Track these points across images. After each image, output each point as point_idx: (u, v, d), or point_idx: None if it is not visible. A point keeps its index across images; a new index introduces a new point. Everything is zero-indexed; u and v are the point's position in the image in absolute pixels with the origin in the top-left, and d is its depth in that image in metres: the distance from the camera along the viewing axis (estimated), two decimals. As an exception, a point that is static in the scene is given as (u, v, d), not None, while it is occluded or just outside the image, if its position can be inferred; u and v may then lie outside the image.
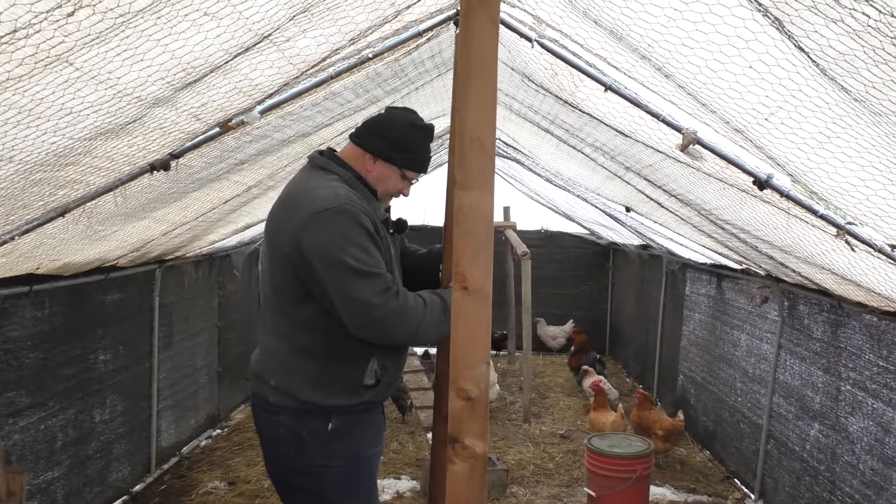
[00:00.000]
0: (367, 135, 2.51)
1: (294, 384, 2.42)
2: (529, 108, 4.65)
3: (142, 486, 4.97)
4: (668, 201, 4.38)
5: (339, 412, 2.43)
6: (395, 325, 2.30)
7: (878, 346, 3.65)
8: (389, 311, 2.28)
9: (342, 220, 2.29)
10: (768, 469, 4.89)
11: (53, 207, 2.81)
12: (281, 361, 2.46)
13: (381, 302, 2.26)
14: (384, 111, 2.59)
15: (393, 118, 2.52)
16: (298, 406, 2.42)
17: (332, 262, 2.27)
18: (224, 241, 5.74)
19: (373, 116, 2.57)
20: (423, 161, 2.57)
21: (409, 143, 2.50)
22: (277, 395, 2.44)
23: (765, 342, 5.03)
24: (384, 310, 2.27)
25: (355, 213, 2.31)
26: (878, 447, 3.62)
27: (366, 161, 2.49)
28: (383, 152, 2.48)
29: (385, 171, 2.51)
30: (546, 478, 5.44)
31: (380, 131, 2.49)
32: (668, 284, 7.43)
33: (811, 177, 2.31)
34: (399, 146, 2.48)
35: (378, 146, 2.48)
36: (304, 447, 2.44)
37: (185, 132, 2.67)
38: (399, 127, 2.49)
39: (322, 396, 2.41)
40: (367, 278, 2.27)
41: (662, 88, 2.52)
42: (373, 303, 2.26)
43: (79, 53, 1.62)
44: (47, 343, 3.89)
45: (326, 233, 2.28)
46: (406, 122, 2.51)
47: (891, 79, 1.49)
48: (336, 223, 2.29)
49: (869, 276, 2.93)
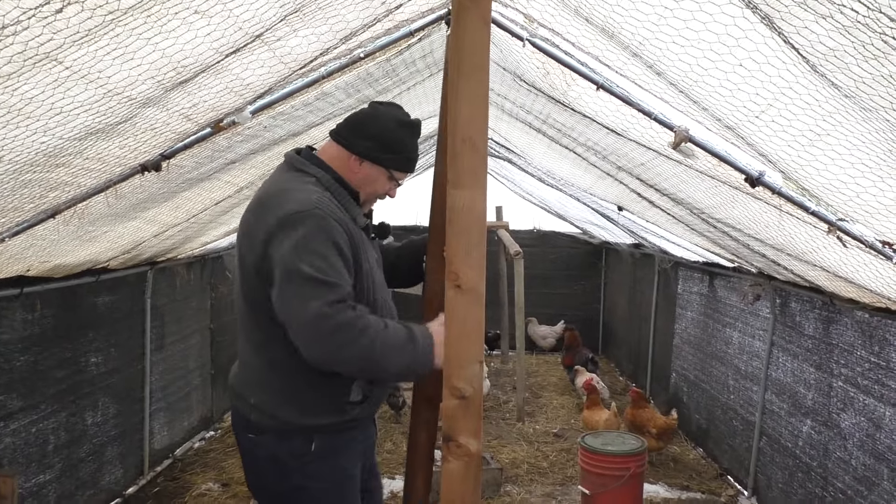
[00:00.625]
0: (351, 135, 2.34)
1: (274, 403, 2.26)
2: (521, 107, 4.66)
3: (135, 488, 4.94)
4: (660, 200, 4.39)
5: (323, 431, 2.29)
6: (346, 340, 2.07)
7: (870, 342, 3.66)
8: (341, 322, 2.06)
9: (308, 225, 2.13)
10: (761, 466, 4.91)
11: (44, 209, 2.80)
12: (258, 377, 2.30)
13: (332, 312, 2.05)
14: (368, 107, 2.41)
15: (379, 116, 2.35)
16: (279, 426, 2.27)
17: (287, 268, 2.10)
18: (216, 242, 5.73)
19: (356, 113, 2.39)
20: (412, 161, 2.42)
21: (398, 142, 2.34)
22: (257, 414, 2.29)
23: (757, 339, 5.05)
24: (333, 321, 2.05)
25: (323, 219, 2.15)
26: (869, 443, 3.63)
27: (351, 163, 2.33)
28: (371, 153, 2.32)
29: (373, 173, 2.35)
30: (540, 476, 5.44)
31: (366, 131, 2.32)
32: (661, 283, 7.45)
33: (802, 174, 2.32)
34: (387, 146, 2.32)
35: (365, 147, 2.31)
36: (284, 470, 2.29)
37: (177, 132, 2.66)
38: (386, 125, 2.33)
39: (304, 416, 2.26)
40: (319, 286, 2.07)
41: (654, 86, 2.53)
42: (323, 312, 2.04)
43: (68, 51, 1.61)
44: (38, 346, 3.87)
45: (289, 239, 2.12)
46: (394, 119, 2.35)
47: (881, 74, 1.50)
48: (300, 229, 2.12)
49: (860, 272, 2.94)
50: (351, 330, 2.07)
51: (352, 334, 2.07)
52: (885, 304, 3.29)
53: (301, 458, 2.28)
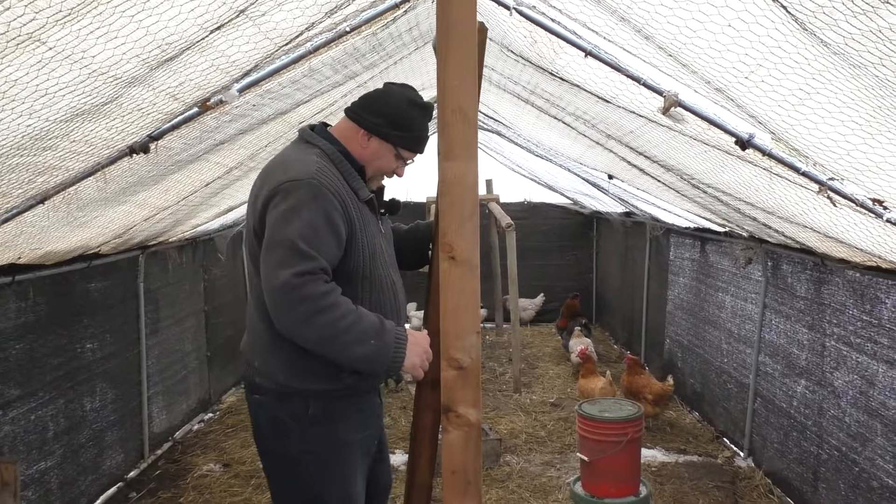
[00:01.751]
0: (363, 110, 2.39)
1: (274, 366, 2.34)
2: (509, 78, 4.63)
3: (136, 472, 4.97)
4: (650, 167, 4.39)
5: (319, 396, 2.34)
6: (307, 313, 2.11)
7: (862, 300, 3.70)
8: (306, 295, 2.10)
9: (301, 193, 2.18)
10: (756, 427, 4.97)
11: (33, 195, 2.77)
12: (262, 342, 2.37)
13: (299, 283, 2.09)
14: (382, 86, 2.47)
15: (392, 94, 2.41)
16: (278, 389, 2.34)
17: (272, 233, 2.17)
18: (207, 224, 5.70)
19: (370, 91, 2.46)
20: (421, 140, 2.46)
21: (408, 121, 2.39)
22: (260, 377, 2.38)
23: (749, 303, 5.09)
24: (298, 293, 2.09)
25: (317, 189, 2.20)
26: (862, 400, 3.68)
27: (360, 137, 2.39)
28: (380, 129, 2.37)
29: (380, 149, 2.40)
30: (539, 445, 5.50)
31: (377, 107, 2.38)
32: (653, 250, 7.48)
33: (792, 133, 2.32)
34: (396, 124, 2.37)
35: (374, 123, 2.37)
36: (285, 432, 2.35)
37: (164, 113, 2.63)
38: (398, 104, 2.38)
39: (300, 381, 2.32)
40: (294, 255, 2.12)
41: (643, 51, 2.51)
42: (290, 281, 2.09)
43: (51, 31, 1.58)
44: (33, 333, 3.86)
45: (282, 205, 2.18)
46: (405, 98, 2.39)
47: (869, 29, 1.50)
48: (293, 196, 2.18)
49: (851, 232, 2.96)
50: (314, 304, 2.11)
51: (314, 309, 2.11)
52: (876, 262, 3.31)
53: (299, 420, 2.34)
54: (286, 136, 4.29)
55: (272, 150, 4.37)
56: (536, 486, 4.76)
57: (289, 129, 4.21)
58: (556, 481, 4.84)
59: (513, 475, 4.93)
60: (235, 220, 6.39)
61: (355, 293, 2.29)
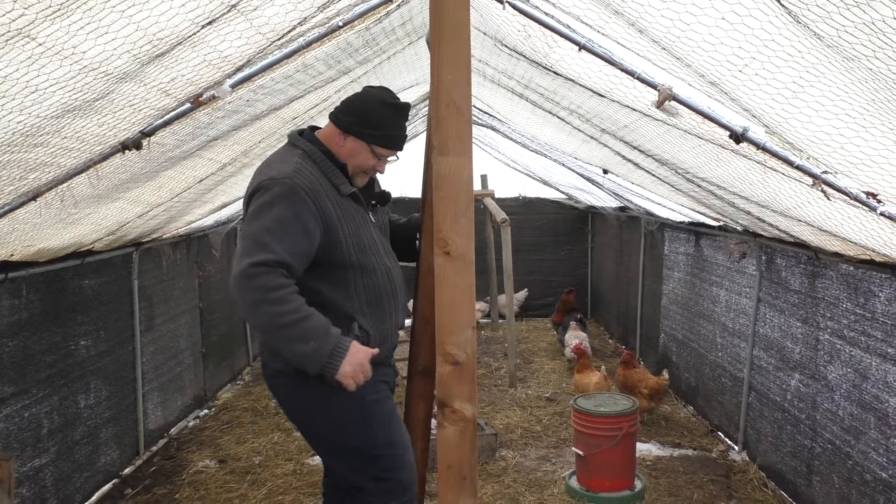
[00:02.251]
0: (340, 112, 2.61)
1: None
2: (503, 73, 4.62)
3: (131, 468, 4.96)
4: (644, 161, 4.39)
5: None
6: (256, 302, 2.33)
7: (855, 294, 3.71)
8: (258, 285, 2.31)
9: (275, 191, 2.39)
10: (751, 420, 4.99)
11: (25, 192, 2.76)
12: None
13: (254, 273, 2.30)
14: (361, 90, 2.66)
15: (365, 95, 2.61)
16: (291, 370, 2.51)
17: (246, 224, 2.43)
18: (201, 221, 5.68)
19: (350, 95, 2.66)
20: (394, 138, 2.62)
21: (379, 119, 2.56)
22: (274, 360, 2.59)
23: (744, 297, 5.10)
24: (252, 282, 2.31)
25: (293, 189, 2.40)
26: (856, 393, 3.70)
27: (337, 137, 2.59)
28: (352, 128, 2.56)
29: (355, 147, 2.59)
30: (534, 440, 5.51)
31: (351, 108, 2.59)
32: (647, 245, 7.49)
33: (787, 126, 2.32)
34: (368, 122, 2.55)
35: (347, 122, 2.57)
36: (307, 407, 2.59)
37: (156, 108, 2.62)
38: (370, 104, 2.57)
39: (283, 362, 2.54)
40: (255, 246, 2.33)
41: (636, 45, 2.51)
42: (246, 270, 2.31)
43: (41, 27, 1.57)
44: (27, 331, 3.85)
45: (258, 201, 2.40)
46: (377, 99, 2.58)
47: (862, 21, 1.50)
48: (268, 193, 2.39)
49: (845, 225, 2.96)
50: (263, 295, 2.31)
51: (262, 299, 2.32)
52: (870, 255, 3.32)
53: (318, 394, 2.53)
54: (280, 132, 4.27)
55: (266, 146, 4.36)
56: (532, 480, 4.77)
57: (282, 124, 4.19)
58: (552, 475, 4.84)
59: (508, 470, 4.94)
60: (230, 217, 6.37)
61: (349, 279, 2.50)
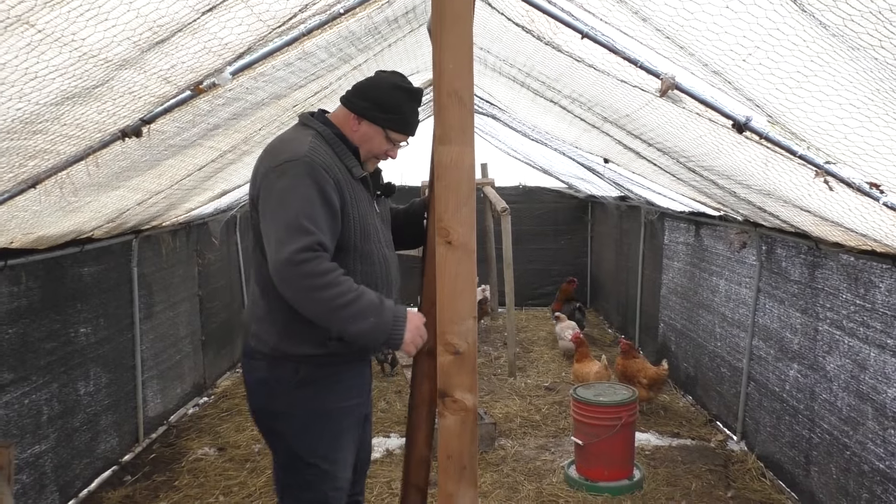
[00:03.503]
0: (354, 96, 2.56)
1: (267, 331, 2.49)
2: (504, 61, 4.60)
3: (131, 455, 4.98)
4: (646, 150, 4.38)
5: (307, 361, 2.49)
6: (310, 287, 2.27)
7: (856, 284, 3.70)
8: (308, 271, 2.26)
9: (297, 171, 2.33)
10: (749, 410, 5.00)
11: (24, 179, 2.75)
12: (258, 309, 2.53)
13: (301, 259, 2.25)
14: (374, 74, 2.61)
15: (379, 80, 2.57)
16: (270, 353, 2.49)
17: (274, 210, 2.33)
18: (200, 208, 5.67)
19: (362, 79, 2.62)
20: (408, 123, 2.59)
21: (394, 104, 2.52)
22: (255, 341, 2.54)
23: (743, 287, 5.10)
24: (301, 269, 2.26)
25: (310, 166, 2.35)
26: (854, 384, 3.70)
27: (351, 121, 2.54)
28: (367, 112, 2.51)
29: (369, 132, 2.54)
30: (533, 429, 5.52)
31: (365, 92, 2.54)
32: (647, 234, 7.48)
33: (790, 116, 2.31)
34: (382, 107, 2.51)
35: (362, 106, 2.52)
36: (273, 393, 2.52)
37: (156, 96, 2.60)
38: (384, 88, 2.53)
39: (290, 345, 2.47)
40: (295, 232, 2.27)
41: (639, 33, 2.49)
42: (293, 258, 2.25)
43: (40, 14, 1.56)
44: (26, 318, 3.85)
45: (280, 182, 2.34)
46: (391, 84, 2.54)
47: (869, 10, 1.48)
48: (291, 174, 2.33)
49: (847, 216, 2.95)
50: (314, 281, 2.27)
51: (314, 285, 2.28)
52: (871, 246, 3.32)
53: (287, 383, 2.50)
54: (280, 120, 4.25)
55: (266, 134, 4.34)
56: (531, 469, 4.79)
57: (283, 112, 4.18)
58: (551, 465, 4.86)
59: (507, 459, 4.95)
60: (230, 204, 6.36)
61: (347, 263, 2.42)
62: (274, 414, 2.55)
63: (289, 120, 4.34)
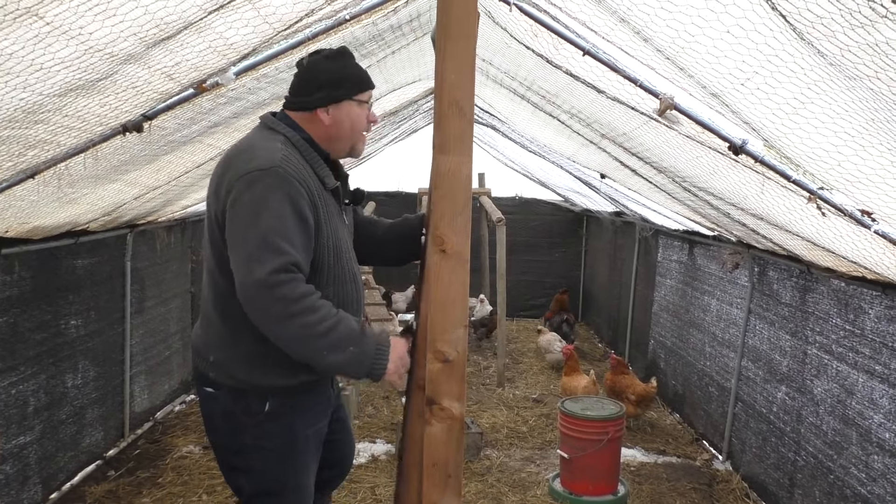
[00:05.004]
0: (302, 95, 2.34)
1: (231, 361, 2.29)
2: (506, 73, 4.63)
3: (115, 450, 4.96)
4: (642, 168, 4.41)
5: (278, 393, 2.31)
6: (282, 314, 2.07)
7: (845, 310, 3.73)
8: (281, 296, 2.06)
9: (269, 183, 2.12)
10: (736, 430, 5.02)
11: (23, 169, 2.75)
12: (218, 335, 2.32)
13: (274, 282, 2.05)
14: (297, 69, 2.39)
15: (311, 68, 2.34)
16: (235, 384, 2.30)
17: (243, 224, 2.11)
18: (197, 205, 5.67)
19: (293, 81, 2.39)
20: (363, 78, 2.38)
21: (340, 74, 2.32)
22: (216, 372, 2.32)
23: (735, 307, 5.12)
24: (274, 293, 2.05)
25: (283, 179, 2.13)
26: (840, 409, 3.72)
27: (319, 118, 2.32)
28: (327, 98, 2.31)
29: (340, 114, 2.33)
30: (520, 440, 5.53)
31: (311, 84, 2.32)
32: (641, 251, 7.51)
33: (786, 141, 2.34)
34: (335, 83, 2.31)
35: (319, 97, 2.31)
36: (238, 427, 2.33)
37: (159, 92, 2.61)
38: (322, 69, 2.32)
39: (259, 376, 2.28)
40: (266, 251, 2.06)
41: (640, 53, 2.52)
42: (265, 280, 2.04)
43: (49, 6, 1.57)
44: (17, 308, 3.84)
45: (248, 195, 2.12)
46: (321, 61, 2.33)
47: (866, 42, 1.51)
48: (261, 186, 2.12)
49: (838, 242, 2.98)
50: (288, 306, 2.07)
51: (288, 311, 2.07)
52: (862, 272, 3.34)
53: (255, 416, 2.31)
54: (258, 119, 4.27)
55: (266, 135, 4.35)
56: (516, 480, 4.79)
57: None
58: (536, 477, 4.86)
59: (492, 469, 4.95)
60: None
61: (319, 286, 2.21)
62: (241, 450, 2.35)
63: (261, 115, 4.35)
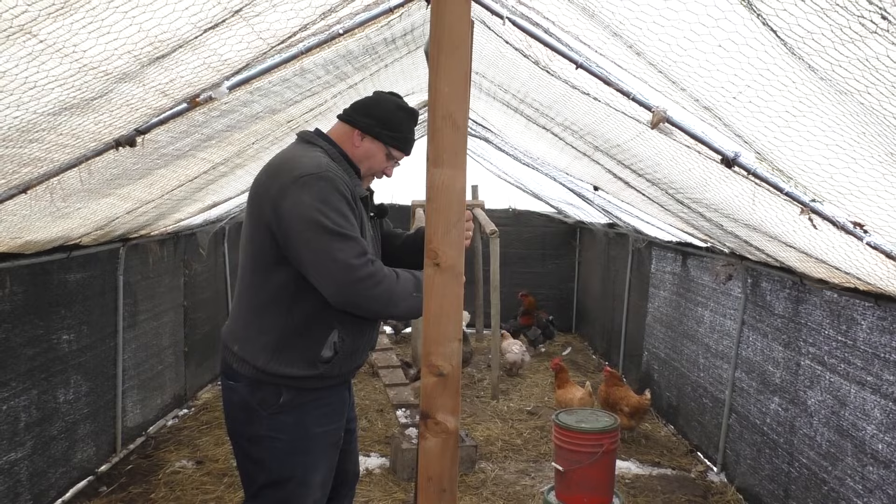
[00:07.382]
0: (356, 113, 2.62)
1: (253, 352, 2.47)
2: (499, 86, 4.65)
3: (107, 466, 4.92)
4: (635, 181, 4.42)
5: (293, 384, 2.48)
6: (370, 290, 2.33)
7: (838, 321, 3.75)
8: (366, 274, 2.32)
9: (323, 185, 2.35)
10: (730, 442, 5.01)
11: (16, 185, 2.74)
12: (245, 328, 2.51)
13: (360, 264, 2.31)
14: (373, 94, 2.68)
15: (382, 99, 2.64)
16: (254, 375, 2.47)
17: (310, 224, 2.32)
18: (190, 219, 5.66)
19: (362, 98, 2.68)
20: (408, 141, 2.67)
21: (397, 122, 2.61)
22: (238, 363, 2.51)
23: (728, 319, 5.13)
24: (361, 272, 2.31)
25: (335, 181, 2.38)
26: (834, 419, 3.73)
27: (354, 138, 2.60)
28: (371, 129, 2.58)
29: (371, 148, 2.61)
30: (514, 453, 5.51)
31: (369, 110, 2.60)
32: (635, 262, 7.52)
33: (778, 154, 2.35)
34: (386, 124, 2.59)
35: (367, 123, 2.58)
36: (253, 416, 2.49)
37: (152, 108, 2.61)
38: (387, 107, 2.61)
39: (277, 365, 2.45)
40: (345, 241, 2.32)
41: (633, 66, 2.53)
42: (351, 264, 2.30)
43: (43, 24, 1.57)
44: (8, 322, 3.82)
45: (307, 196, 2.33)
46: (394, 103, 2.63)
47: (856, 57, 1.52)
48: (317, 188, 2.34)
49: (831, 253, 2.99)
50: (372, 281, 2.34)
51: (372, 285, 2.34)
52: (854, 283, 3.36)
53: (269, 408, 2.48)
54: (274, 135, 4.27)
55: (259, 148, 4.35)
56: (510, 494, 4.77)
57: (277, 127, 4.19)
58: (531, 490, 4.85)
59: (487, 482, 4.94)
60: (219, 216, 6.35)
61: None
62: (253, 438, 2.53)
63: (283, 135, 4.36)
